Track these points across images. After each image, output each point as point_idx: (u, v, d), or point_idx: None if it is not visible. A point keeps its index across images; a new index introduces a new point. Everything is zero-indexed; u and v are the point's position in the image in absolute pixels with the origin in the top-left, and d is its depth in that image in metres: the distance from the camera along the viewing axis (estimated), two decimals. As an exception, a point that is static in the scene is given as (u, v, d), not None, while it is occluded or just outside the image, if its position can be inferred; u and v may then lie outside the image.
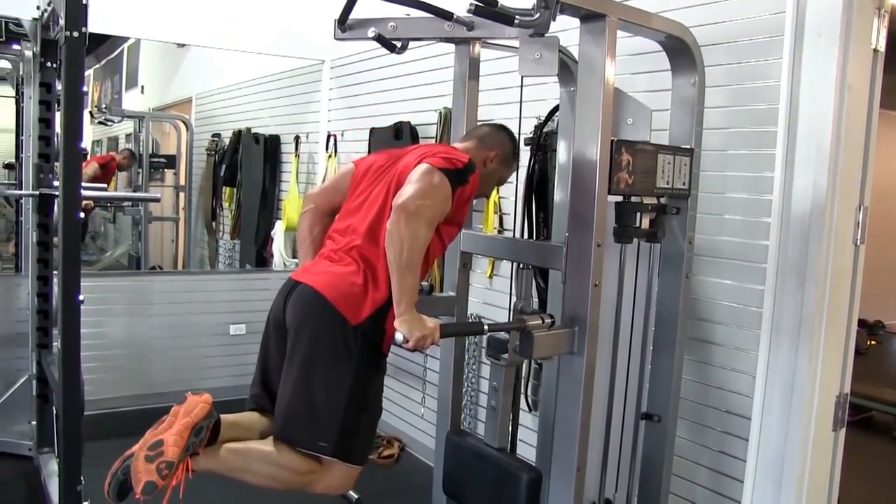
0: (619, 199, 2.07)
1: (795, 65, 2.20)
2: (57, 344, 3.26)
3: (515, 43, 2.39)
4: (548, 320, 1.94)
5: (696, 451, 2.48)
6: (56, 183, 3.34)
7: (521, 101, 2.49)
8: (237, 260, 5.89)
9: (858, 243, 2.26)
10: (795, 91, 2.21)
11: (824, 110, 2.14)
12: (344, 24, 2.22)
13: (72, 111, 2.56)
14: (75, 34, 2.49)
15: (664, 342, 2.28)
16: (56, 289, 3.41)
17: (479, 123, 2.41)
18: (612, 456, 2.24)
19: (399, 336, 1.84)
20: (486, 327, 1.95)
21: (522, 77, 2.38)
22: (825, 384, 2.21)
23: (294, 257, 5.13)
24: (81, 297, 2.60)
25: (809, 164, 2.18)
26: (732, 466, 2.38)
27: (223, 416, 2.07)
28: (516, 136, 2.96)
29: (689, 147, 2.21)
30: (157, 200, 5.61)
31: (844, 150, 2.15)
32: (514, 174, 2.41)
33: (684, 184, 2.19)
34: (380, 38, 2.18)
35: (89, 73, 8.44)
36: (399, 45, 2.28)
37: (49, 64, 3.36)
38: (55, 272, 3.43)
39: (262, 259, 5.37)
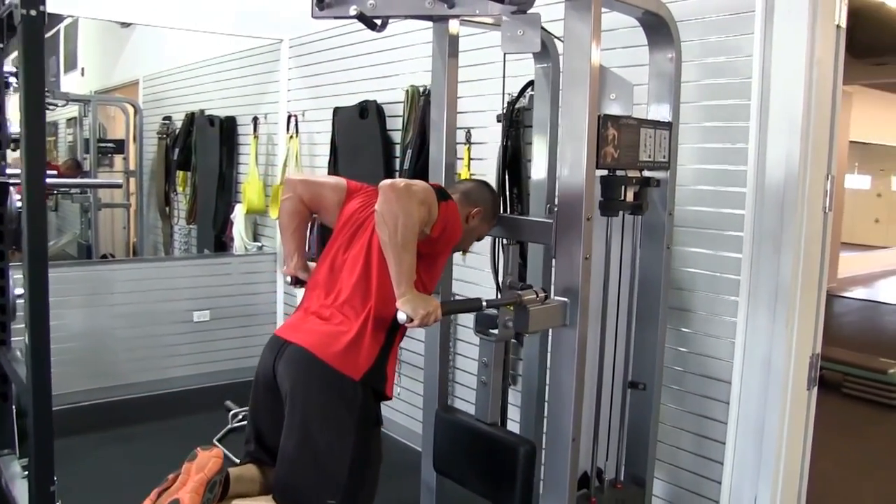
0: (604, 173, 2.11)
1: (766, 40, 2.27)
2: (17, 339, 3.17)
3: (491, 20, 2.42)
4: (541, 294, 1.97)
5: (677, 417, 2.56)
6: (9, 171, 3.23)
7: (503, 77, 2.50)
8: (194, 245, 5.79)
9: (827, 210, 2.35)
10: (767, 65, 2.27)
11: (796, 84, 2.21)
12: (322, 2, 2.19)
13: (33, 96, 2.45)
14: (33, 13, 2.39)
15: (647, 312, 2.35)
16: (12, 282, 3.30)
17: (460, 179, 2.43)
18: (601, 425, 2.30)
19: (402, 315, 1.84)
20: (483, 303, 1.97)
21: (505, 54, 2.39)
22: (801, 345, 2.31)
23: (255, 240, 5.09)
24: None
25: (782, 136, 2.25)
26: (714, 429, 2.47)
27: (230, 470, 2.06)
28: (500, 114, 2.99)
29: (667, 121, 2.26)
30: (118, 186, 5.46)
31: (815, 122, 2.23)
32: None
33: (664, 157, 2.24)
34: (361, 17, 2.15)
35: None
36: (379, 22, 2.25)
37: (-3, 44, 3.22)
38: (11, 264, 3.32)
39: (221, 244, 5.29)
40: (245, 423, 3.89)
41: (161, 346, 4.46)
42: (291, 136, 4.51)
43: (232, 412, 3.95)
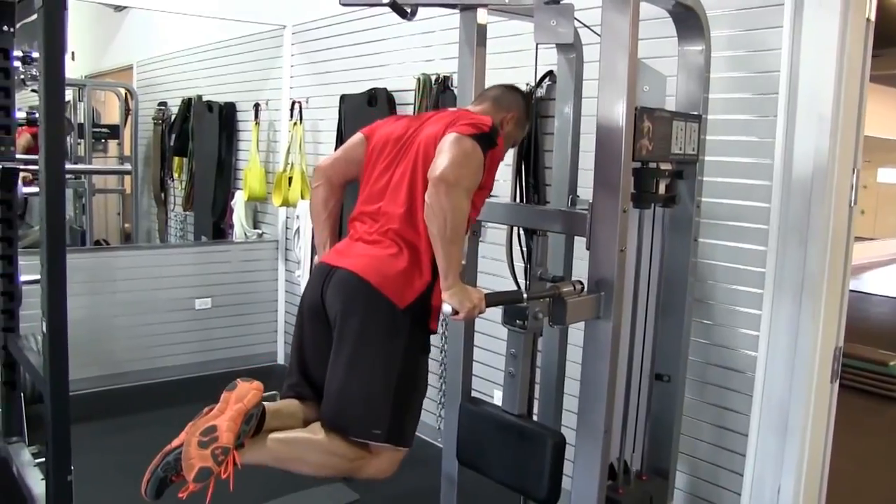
0: (636, 165, 2.10)
1: (796, 33, 2.27)
2: (25, 325, 3.14)
3: (521, 9, 2.40)
4: (578, 286, 1.97)
5: (698, 408, 2.58)
6: (18, 155, 3.19)
7: (535, 66, 2.49)
8: (190, 232, 5.73)
9: (853, 204, 2.36)
10: (796, 59, 2.27)
11: (825, 78, 2.22)
12: (352, -11, 2.17)
13: (53, 80, 2.41)
14: (53, -6, 2.35)
15: (673, 304, 2.35)
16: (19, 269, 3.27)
17: (488, 87, 2.39)
18: (628, 417, 2.30)
19: (448, 308, 1.83)
20: (525, 295, 1.97)
21: (537, 44, 2.37)
22: (826, 338, 2.32)
23: (255, 228, 5.04)
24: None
25: (811, 130, 2.25)
26: (736, 421, 2.49)
27: (266, 405, 2.03)
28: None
29: (697, 113, 2.25)
30: (128, 173, 5.40)
31: (843, 116, 2.24)
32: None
33: (693, 149, 2.25)
34: (393, 5, 2.13)
35: None
36: (409, 10, 2.23)
37: (5, 28, 3.16)
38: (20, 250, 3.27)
39: (219, 231, 5.24)
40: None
41: (162, 333, 4.42)
42: (295, 123, 4.46)
43: (237, 401, 3.92)
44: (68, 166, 3.37)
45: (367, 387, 2.01)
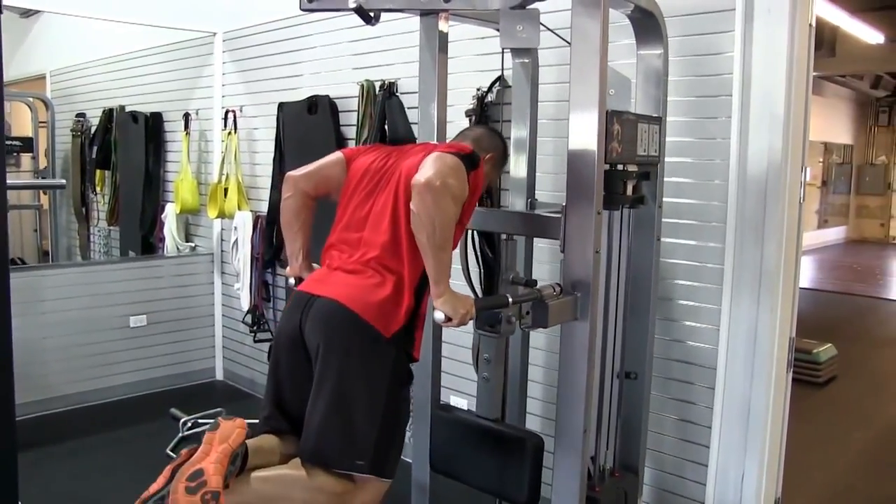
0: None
1: (747, 37, 2.36)
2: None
3: (485, 15, 2.42)
4: (557, 289, 1.98)
5: (663, 404, 2.63)
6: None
7: (501, 69, 2.50)
8: (116, 248, 5.50)
9: (802, 200, 2.47)
10: (748, 62, 2.36)
11: (777, 79, 2.31)
12: (313, -6, 2.12)
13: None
14: (-13, 0, 2.22)
15: (639, 302, 2.40)
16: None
17: (468, 126, 2.39)
18: (601, 416, 2.33)
19: (440, 315, 1.82)
20: (509, 300, 1.96)
21: (503, 49, 2.38)
22: (782, 330, 2.42)
23: (187, 241, 4.88)
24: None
25: (763, 129, 2.35)
26: (699, 413, 2.56)
27: (248, 442, 1.96)
28: (468, 109, 2.98)
29: (658, 116, 2.31)
30: (62, 187, 5.12)
31: (794, 115, 2.34)
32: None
33: (656, 151, 2.30)
34: (359, 10, 2.10)
35: None
36: (373, 15, 2.20)
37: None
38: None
39: (148, 245, 5.04)
40: (196, 430, 3.76)
41: (98, 353, 4.22)
42: (229, 133, 4.34)
43: (182, 420, 3.78)
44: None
45: (351, 418, 1.97)
